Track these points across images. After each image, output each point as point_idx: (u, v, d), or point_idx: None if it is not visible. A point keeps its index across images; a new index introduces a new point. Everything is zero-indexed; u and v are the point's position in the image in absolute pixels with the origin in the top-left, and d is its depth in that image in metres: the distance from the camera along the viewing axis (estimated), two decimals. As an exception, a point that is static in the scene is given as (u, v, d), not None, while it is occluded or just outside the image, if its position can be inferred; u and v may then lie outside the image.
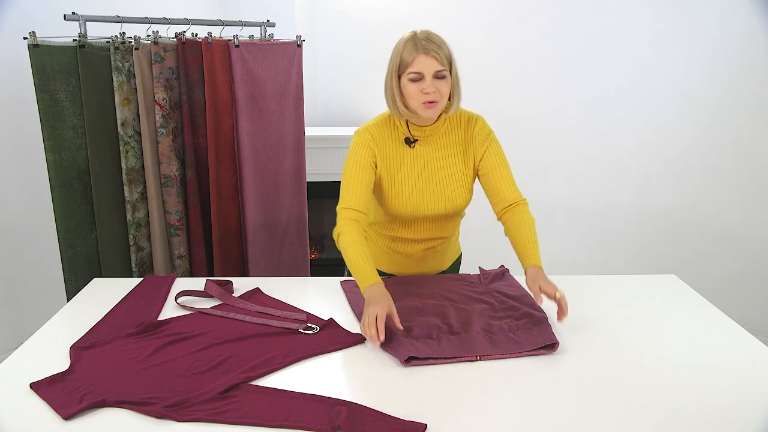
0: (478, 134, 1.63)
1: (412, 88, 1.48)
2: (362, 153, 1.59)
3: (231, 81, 2.23)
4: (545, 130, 3.39)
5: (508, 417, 1.10)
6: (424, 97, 1.48)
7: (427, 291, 1.60)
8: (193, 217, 2.28)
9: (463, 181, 1.64)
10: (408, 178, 1.62)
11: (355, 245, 1.50)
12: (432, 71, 1.46)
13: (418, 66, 1.46)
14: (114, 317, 1.49)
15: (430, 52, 1.46)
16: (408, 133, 1.61)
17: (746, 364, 1.27)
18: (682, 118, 3.14)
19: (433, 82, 1.47)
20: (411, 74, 1.47)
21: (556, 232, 3.46)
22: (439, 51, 1.47)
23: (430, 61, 1.46)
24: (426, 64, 1.46)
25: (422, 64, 1.46)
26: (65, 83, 2.02)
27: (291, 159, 2.46)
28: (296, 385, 1.19)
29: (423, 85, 1.47)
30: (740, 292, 3.06)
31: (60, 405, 1.10)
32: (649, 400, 1.14)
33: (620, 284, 1.71)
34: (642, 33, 3.12)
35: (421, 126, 1.61)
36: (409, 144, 1.61)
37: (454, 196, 1.63)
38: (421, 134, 1.61)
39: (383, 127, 1.62)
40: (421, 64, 1.46)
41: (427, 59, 1.46)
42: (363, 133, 1.61)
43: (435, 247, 1.74)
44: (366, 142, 1.60)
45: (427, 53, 1.46)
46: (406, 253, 1.74)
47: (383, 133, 1.62)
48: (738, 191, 3.07)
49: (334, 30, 3.55)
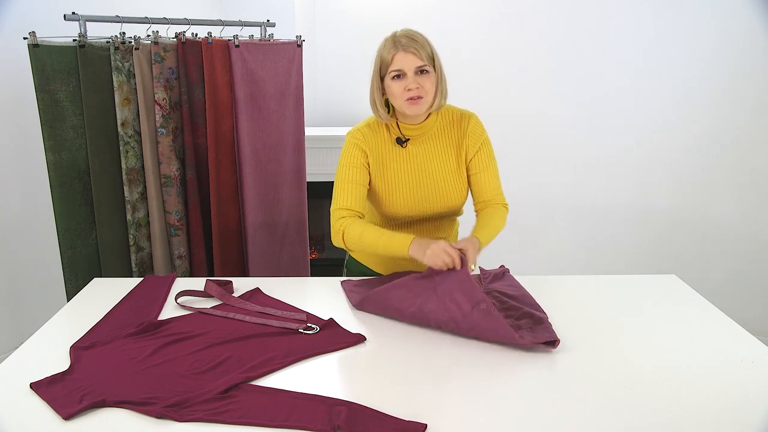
0: (471, 132, 1.63)
1: (395, 86, 1.50)
2: (354, 154, 1.59)
3: (231, 81, 2.23)
4: (545, 131, 3.39)
5: (508, 417, 1.09)
6: (407, 93, 1.49)
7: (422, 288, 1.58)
8: (193, 217, 2.28)
9: (458, 179, 1.63)
10: (401, 179, 1.61)
11: (367, 228, 1.51)
12: (413, 67, 1.48)
13: (399, 63, 1.48)
14: (114, 317, 1.49)
15: (409, 48, 1.47)
16: (399, 133, 1.61)
17: (746, 364, 1.27)
18: (683, 118, 3.14)
19: (416, 78, 1.49)
20: (392, 72, 1.49)
21: (556, 232, 3.46)
22: (418, 47, 1.48)
23: (410, 58, 1.47)
24: (406, 60, 1.47)
25: (402, 61, 1.48)
26: (65, 83, 2.02)
27: (291, 159, 2.46)
28: (296, 385, 1.19)
29: (405, 82, 1.49)
30: (740, 292, 3.06)
31: (60, 405, 1.10)
32: (649, 401, 1.14)
33: (620, 284, 1.71)
34: (642, 33, 3.12)
35: (411, 125, 1.60)
36: (401, 144, 1.61)
37: (450, 195, 1.63)
38: (412, 133, 1.61)
39: (375, 127, 1.62)
40: (401, 61, 1.48)
41: (407, 56, 1.47)
42: (354, 134, 1.62)
43: None
44: (357, 142, 1.60)
45: (406, 50, 1.47)
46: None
47: (375, 134, 1.62)
48: (738, 191, 3.07)
49: (334, 30, 3.55)
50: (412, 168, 1.62)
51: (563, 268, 3.46)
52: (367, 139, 1.60)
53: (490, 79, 3.33)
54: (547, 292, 1.61)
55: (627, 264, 3.36)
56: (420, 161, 1.62)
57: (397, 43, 1.49)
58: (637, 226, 3.34)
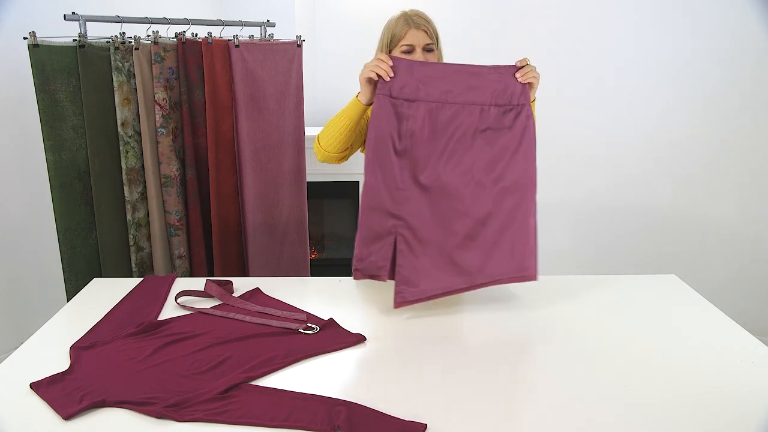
0: None
1: None
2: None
3: (231, 81, 2.23)
4: (545, 130, 3.37)
5: (508, 417, 1.10)
6: None
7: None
8: (193, 217, 2.28)
9: None
10: None
11: (333, 118, 1.61)
12: (422, 44, 1.60)
13: (410, 39, 1.60)
14: (114, 317, 1.49)
15: (421, 26, 1.60)
16: None
17: (746, 364, 1.27)
18: (682, 117, 3.14)
19: (423, 54, 1.61)
20: (403, 46, 1.61)
21: (556, 232, 3.46)
22: (428, 25, 1.62)
23: (421, 35, 1.60)
24: (418, 37, 1.60)
25: (414, 37, 1.60)
26: (65, 83, 2.02)
27: (291, 159, 2.46)
28: (296, 385, 1.19)
29: (414, 56, 1.60)
30: (740, 292, 3.06)
31: (60, 405, 1.10)
32: (648, 401, 1.14)
33: (620, 284, 1.71)
34: (641, 31, 3.12)
35: None
36: None
37: None
38: None
39: None
40: (413, 37, 1.60)
41: (418, 33, 1.60)
42: None
43: None
44: None
45: (418, 27, 1.60)
46: None
47: None
48: (738, 191, 3.07)
49: (334, 30, 3.55)
50: None
51: (563, 267, 3.46)
52: None
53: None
54: (546, 292, 1.61)
55: (627, 264, 3.36)
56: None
57: (409, 20, 1.61)
58: (637, 226, 3.33)
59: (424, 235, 1.46)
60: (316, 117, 3.65)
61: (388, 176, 1.46)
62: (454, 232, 1.47)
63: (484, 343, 1.36)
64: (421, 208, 1.47)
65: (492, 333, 1.43)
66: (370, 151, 1.46)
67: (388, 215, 1.46)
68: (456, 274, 1.47)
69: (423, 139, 1.48)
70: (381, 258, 1.47)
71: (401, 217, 1.46)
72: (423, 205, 1.47)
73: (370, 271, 1.48)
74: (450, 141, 1.48)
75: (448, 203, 1.47)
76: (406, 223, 1.46)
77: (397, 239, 1.45)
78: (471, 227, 1.47)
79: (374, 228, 1.46)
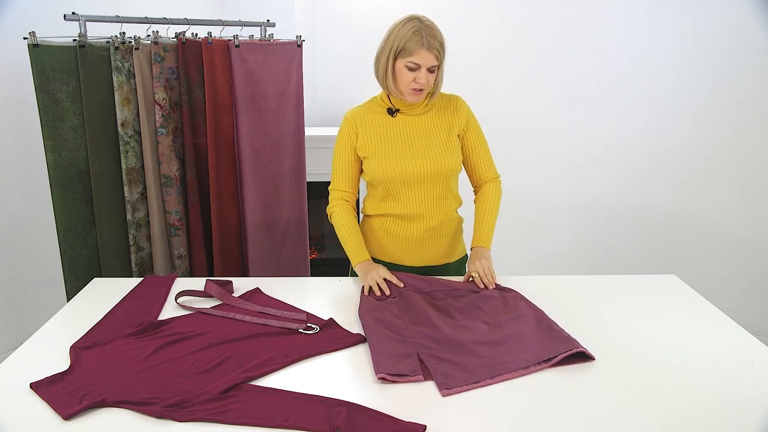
0: (460, 108, 1.76)
1: (407, 75, 1.61)
2: (344, 134, 1.74)
3: (231, 81, 2.23)
4: (544, 130, 3.39)
5: (508, 417, 1.10)
6: (415, 84, 1.61)
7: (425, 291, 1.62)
8: (193, 217, 2.28)
9: (446, 144, 1.72)
10: (391, 142, 1.72)
11: (345, 224, 1.74)
12: (428, 65, 1.59)
13: (419, 59, 1.58)
14: (114, 317, 1.49)
15: (433, 49, 1.57)
16: (390, 104, 1.73)
17: (746, 364, 1.27)
18: (682, 117, 3.14)
19: (426, 74, 1.60)
20: (409, 63, 1.59)
21: (556, 232, 3.46)
22: (440, 48, 1.59)
23: (430, 58, 1.58)
24: (427, 59, 1.58)
25: (424, 58, 1.58)
26: (65, 83, 2.02)
27: (291, 159, 2.46)
28: (296, 385, 1.19)
29: (417, 74, 1.60)
30: (740, 292, 3.06)
31: (60, 405, 1.11)
32: (649, 401, 1.14)
33: (620, 284, 1.71)
34: (639, 31, 3.12)
35: (404, 101, 1.72)
36: (392, 114, 1.73)
37: (437, 155, 1.70)
38: (402, 106, 1.73)
39: (369, 104, 1.78)
40: (423, 57, 1.58)
41: (429, 55, 1.58)
42: (347, 116, 1.76)
43: (434, 228, 1.75)
44: (349, 122, 1.75)
45: (431, 50, 1.57)
46: (405, 236, 1.76)
47: (368, 110, 1.76)
48: (738, 191, 3.07)
49: (334, 30, 3.55)
50: (402, 133, 1.72)
51: (563, 268, 3.46)
52: (357, 116, 1.74)
53: (490, 79, 3.33)
54: (545, 293, 1.61)
55: (627, 264, 3.37)
56: (410, 128, 1.73)
57: (423, 39, 1.56)
58: (636, 226, 3.34)
59: (447, 349, 1.33)
60: (316, 117, 3.65)
61: (390, 330, 1.40)
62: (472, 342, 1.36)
63: (484, 343, 1.36)
64: (430, 333, 1.39)
65: (492, 333, 1.42)
66: (365, 329, 1.41)
67: (402, 343, 1.35)
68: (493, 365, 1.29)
69: (412, 300, 1.54)
70: (409, 368, 1.26)
71: (415, 344, 1.35)
72: (431, 332, 1.40)
73: (401, 372, 1.25)
74: (440, 302, 1.56)
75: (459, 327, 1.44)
76: (422, 344, 1.35)
77: (420, 354, 1.31)
78: (486, 332, 1.41)
79: (392, 352, 1.31)
